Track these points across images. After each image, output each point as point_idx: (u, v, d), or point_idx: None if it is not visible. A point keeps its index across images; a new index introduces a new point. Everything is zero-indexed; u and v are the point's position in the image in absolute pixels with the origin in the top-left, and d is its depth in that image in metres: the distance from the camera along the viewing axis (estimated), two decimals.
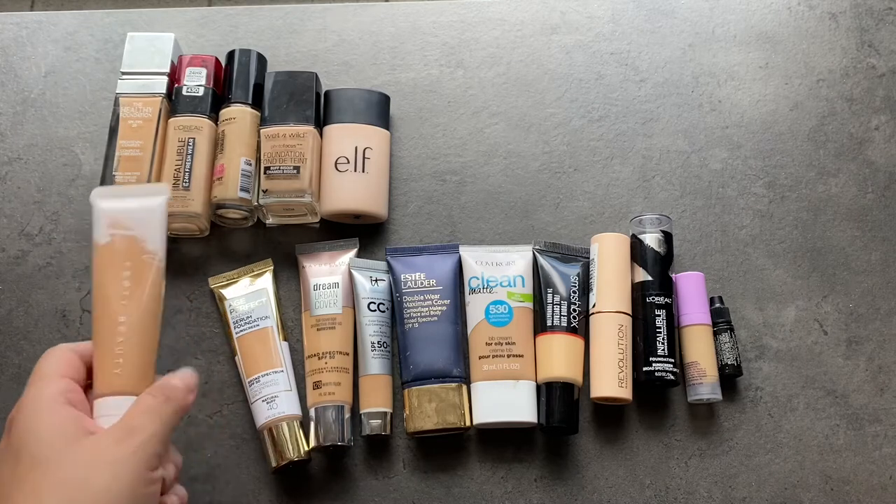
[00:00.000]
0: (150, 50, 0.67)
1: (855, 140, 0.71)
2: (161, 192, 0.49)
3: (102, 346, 0.46)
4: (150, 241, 0.47)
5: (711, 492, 0.61)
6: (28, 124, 0.70)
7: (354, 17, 0.75)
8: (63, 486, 0.41)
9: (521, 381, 0.61)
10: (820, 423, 0.63)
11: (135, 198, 0.49)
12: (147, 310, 0.47)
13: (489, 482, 0.61)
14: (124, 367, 0.46)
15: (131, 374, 0.46)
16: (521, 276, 0.64)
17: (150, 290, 0.47)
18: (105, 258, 0.47)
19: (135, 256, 0.47)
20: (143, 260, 0.47)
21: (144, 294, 0.47)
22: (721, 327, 0.63)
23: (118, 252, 0.47)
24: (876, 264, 0.68)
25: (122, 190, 0.50)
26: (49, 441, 0.42)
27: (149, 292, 0.47)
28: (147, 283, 0.47)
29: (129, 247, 0.47)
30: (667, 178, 0.70)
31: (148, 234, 0.48)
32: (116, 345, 0.46)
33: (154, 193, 0.49)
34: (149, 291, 0.47)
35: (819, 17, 0.76)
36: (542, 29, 0.75)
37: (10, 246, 0.67)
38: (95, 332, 0.47)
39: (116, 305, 0.46)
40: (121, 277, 0.47)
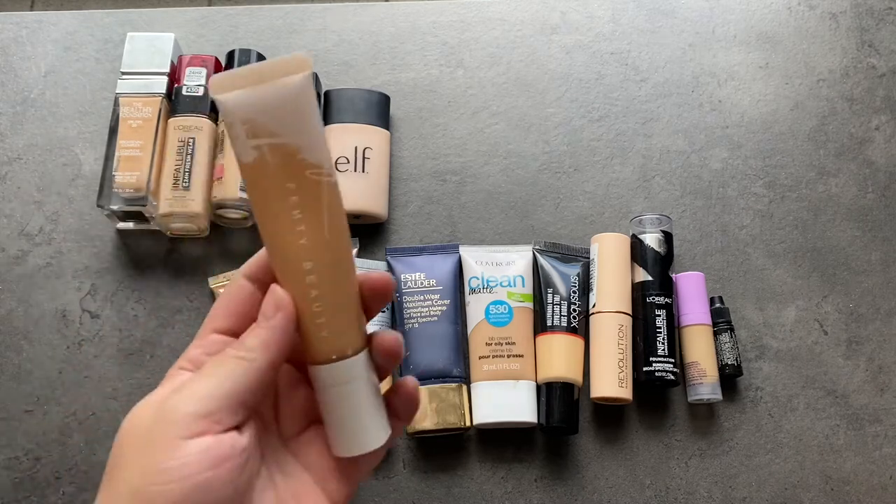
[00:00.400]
0: (150, 50, 0.67)
1: (855, 140, 0.71)
2: (301, 66, 0.33)
3: (296, 304, 0.35)
4: (307, 149, 0.33)
5: (712, 492, 0.61)
6: (28, 124, 0.70)
7: (354, 17, 0.75)
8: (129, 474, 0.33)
9: (521, 381, 0.61)
10: (820, 423, 0.63)
11: (271, 82, 0.33)
12: (336, 246, 0.35)
13: (489, 482, 0.61)
14: (330, 325, 0.35)
15: (342, 331, 0.35)
16: (521, 276, 0.64)
17: (330, 219, 0.34)
18: (257, 183, 0.34)
19: (297, 175, 0.33)
20: (308, 178, 0.34)
21: (325, 226, 0.34)
22: (721, 327, 0.63)
23: (273, 172, 0.33)
24: (876, 264, 0.68)
25: (255, 71, 0.32)
26: (131, 426, 0.34)
27: (330, 223, 0.34)
28: (324, 211, 0.34)
29: (286, 162, 0.33)
30: (667, 178, 0.70)
31: (303, 138, 0.33)
32: (312, 300, 0.35)
33: (292, 69, 0.33)
34: (329, 222, 0.34)
35: (819, 17, 0.76)
36: (543, 29, 0.75)
37: (9, 246, 0.67)
38: (281, 285, 0.35)
39: (295, 248, 0.34)
40: (288, 208, 0.34)
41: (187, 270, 0.66)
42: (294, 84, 0.32)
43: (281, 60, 0.33)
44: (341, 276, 0.35)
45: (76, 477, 0.61)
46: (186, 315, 0.65)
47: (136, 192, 0.62)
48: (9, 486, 0.60)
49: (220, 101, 0.33)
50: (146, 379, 0.63)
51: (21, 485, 0.60)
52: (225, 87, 0.32)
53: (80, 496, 0.60)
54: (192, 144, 0.64)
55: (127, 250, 0.67)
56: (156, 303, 0.65)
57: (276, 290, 0.34)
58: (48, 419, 0.62)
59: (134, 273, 0.66)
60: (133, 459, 0.32)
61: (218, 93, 0.32)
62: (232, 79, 0.32)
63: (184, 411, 0.32)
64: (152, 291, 0.65)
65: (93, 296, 0.65)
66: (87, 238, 0.67)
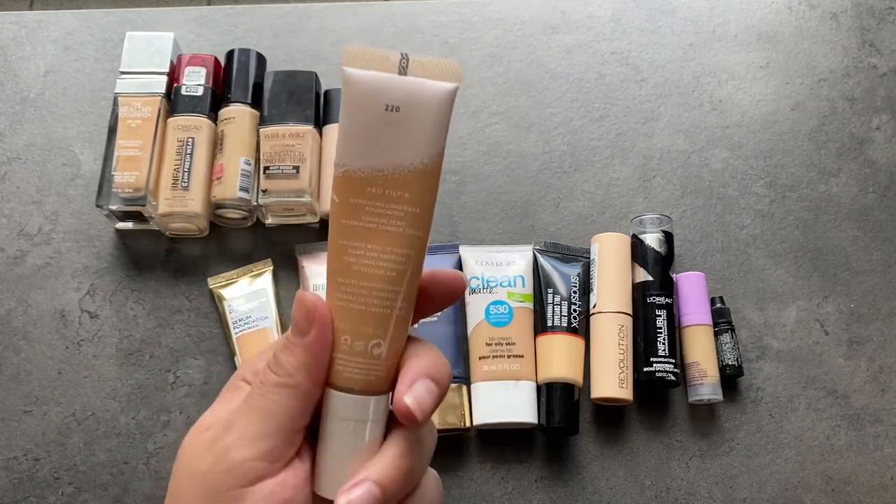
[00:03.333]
0: (150, 49, 0.67)
1: (856, 140, 0.71)
2: (453, 74, 0.32)
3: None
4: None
5: (712, 492, 0.61)
6: (27, 124, 0.70)
7: (354, 17, 0.75)
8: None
9: (521, 381, 0.61)
10: (821, 423, 0.63)
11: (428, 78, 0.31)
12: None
13: (489, 483, 0.61)
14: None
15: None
16: (522, 276, 0.64)
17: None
18: (433, 190, 0.32)
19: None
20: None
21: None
22: (722, 327, 0.63)
23: (435, 181, 0.32)
24: (877, 264, 0.68)
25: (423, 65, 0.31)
26: (196, 423, 0.33)
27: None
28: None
29: (438, 170, 0.32)
30: (667, 178, 0.70)
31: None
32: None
33: (444, 72, 0.32)
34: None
35: (820, 16, 0.76)
36: (543, 28, 0.75)
37: (8, 246, 0.67)
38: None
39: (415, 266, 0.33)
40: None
41: (187, 270, 0.66)
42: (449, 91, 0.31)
43: (435, 61, 0.31)
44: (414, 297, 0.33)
45: (75, 477, 0.60)
46: (186, 315, 0.65)
47: (135, 192, 0.62)
48: (8, 486, 0.60)
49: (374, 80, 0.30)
50: (146, 379, 0.63)
51: (20, 485, 0.60)
52: (358, 60, 0.30)
53: (79, 496, 0.60)
54: (192, 144, 0.64)
55: (126, 250, 0.67)
56: (155, 303, 0.65)
57: (307, 299, 0.31)
58: (47, 419, 0.62)
59: (133, 273, 0.66)
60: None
61: (364, 72, 0.30)
62: (386, 58, 0.30)
63: (240, 457, 0.30)
64: (151, 291, 0.65)
65: (92, 296, 0.65)
66: (87, 238, 0.67)
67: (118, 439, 0.61)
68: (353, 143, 0.31)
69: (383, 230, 0.31)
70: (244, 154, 0.64)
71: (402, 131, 0.31)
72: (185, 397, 0.63)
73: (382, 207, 0.31)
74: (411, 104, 0.31)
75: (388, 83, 0.30)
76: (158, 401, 0.62)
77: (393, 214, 0.31)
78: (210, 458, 0.31)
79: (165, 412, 0.62)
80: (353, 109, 0.31)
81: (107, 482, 0.60)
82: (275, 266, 0.65)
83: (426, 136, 0.31)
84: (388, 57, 0.31)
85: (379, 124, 0.31)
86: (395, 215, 0.31)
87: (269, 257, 0.66)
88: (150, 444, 0.61)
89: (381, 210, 0.31)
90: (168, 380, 0.63)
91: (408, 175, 0.31)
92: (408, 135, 0.31)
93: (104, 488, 0.60)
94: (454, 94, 0.31)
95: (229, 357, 0.63)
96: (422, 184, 0.31)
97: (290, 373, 0.31)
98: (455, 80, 0.31)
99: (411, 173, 0.31)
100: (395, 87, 0.30)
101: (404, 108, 0.31)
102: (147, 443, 0.61)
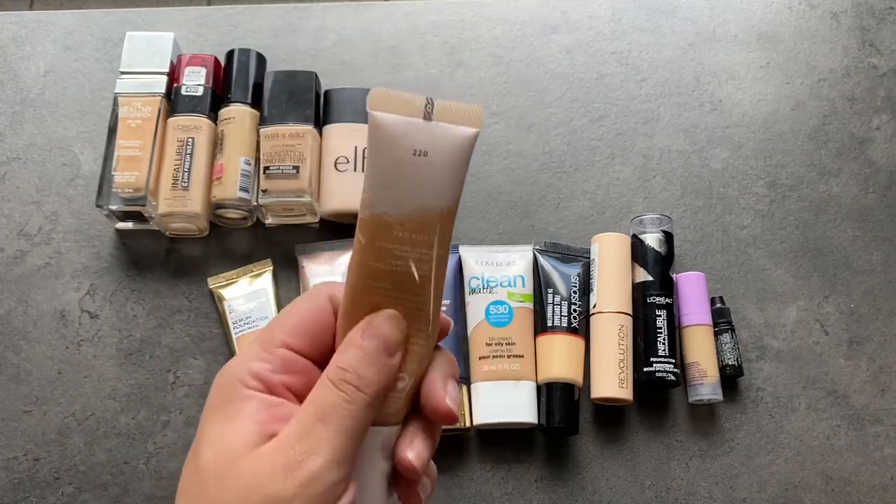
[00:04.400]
0: (150, 49, 0.67)
1: (856, 140, 0.71)
2: (474, 118, 0.32)
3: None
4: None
5: (712, 492, 0.61)
6: (27, 124, 0.70)
7: (354, 17, 0.75)
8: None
9: (521, 381, 0.61)
10: (821, 423, 0.63)
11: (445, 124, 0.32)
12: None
13: (489, 483, 0.61)
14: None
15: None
16: (522, 276, 0.64)
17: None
18: (449, 233, 0.33)
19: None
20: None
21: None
22: (722, 327, 0.63)
23: (453, 223, 0.33)
24: (877, 264, 0.68)
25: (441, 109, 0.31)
26: (214, 444, 0.31)
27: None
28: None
29: (455, 213, 0.33)
30: (667, 178, 0.70)
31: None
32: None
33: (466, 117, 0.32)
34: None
35: (820, 16, 0.76)
36: (543, 28, 0.75)
37: (8, 246, 0.67)
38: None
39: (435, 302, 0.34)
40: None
41: (186, 270, 0.66)
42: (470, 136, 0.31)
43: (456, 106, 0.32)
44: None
45: (75, 477, 0.60)
46: (186, 315, 0.65)
47: (135, 192, 0.62)
48: (8, 486, 0.60)
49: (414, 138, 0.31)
50: (146, 379, 0.63)
51: (20, 485, 0.60)
52: (386, 110, 0.31)
53: (79, 496, 0.60)
54: (192, 144, 0.64)
55: (126, 250, 0.67)
56: (155, 303, 0.65)
57: (399, 320, 0.32)
58: (47, 419, 0.62)
59: (133, 273, 0.66)
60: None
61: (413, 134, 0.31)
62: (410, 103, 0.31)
63: (332, 480, 0.30)
64: (151, 291, 0.65)
65: (92, 296, 0.65)
66: (86, 238, 0.67)
67: (118, 439, 0.61)
68: (381, 186, 0.31)
69: (411, 273, 0.32)
70: (244, 154, 0.64)
71: (428, 176, 0.31)
72: (185, 397, 0.63)
73: (410, 251, 0.32)
74: (437, 149, 0.31)
75: (414, 128, 0.31)
76: (158, 401, 0.62)
77: (420, 258, 0.32)
78: (293, 484, 0.29)
79: (165, 412, 0.62)
80: (382, 153, 0.31)
81: (107, 482, 0.60)
82: (275, 266, 0.65)
83: (450, 180, 0.32)
84: (413, 101, 0.31)
85: (407, 168, 0.31)
86: (422, 259, 0.32)
87: (268, 257, 0.66)
88: (150, 445, 0.61)
89: (408, 254, 0.32)
90: (168, 380, 0.63)
91: (434, 219, 0.32)
92: (434, 179, 0.31)
93: (104, 488, 0.60)
94: (475, 139, 0.32)
95: (229, 357, 0.63)
96: (446, 226, 0.32)
97: (377, 392, 0.31)
98: (476, 125, 0.32)
99: (438, 217, 0.32)
100: (422, 132, 0.31)
101: (431, 153, 0.31)
102: (147, 443, 0.61)
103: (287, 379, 0.32)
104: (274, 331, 0.33)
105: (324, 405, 0.31)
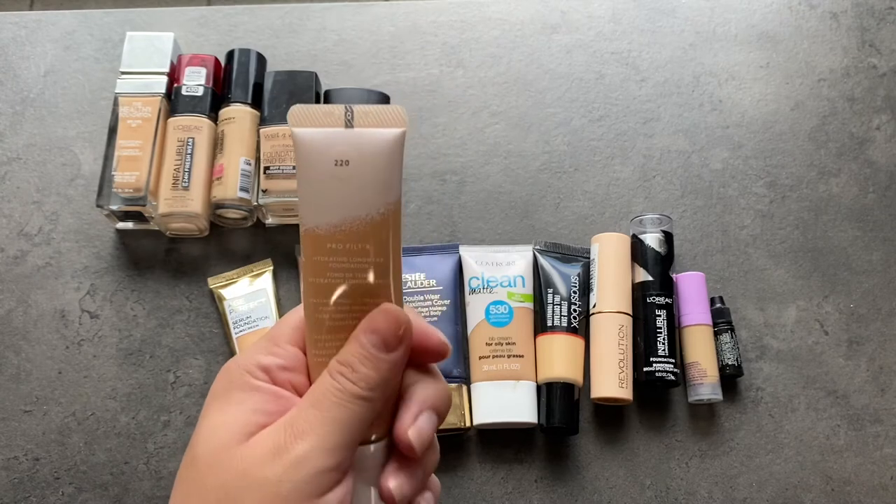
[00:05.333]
0: (150, 49, 0.67)
1: (856, 140, 0.71)
2: (397, 119, 0.32)
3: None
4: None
5: (712, 492, 0.61)
6: (27, 124, 0.70)
7: (354, 17, 0.75)
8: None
9: (521, 381, 0.61)
10: (821, 423, 0.63)
11: (370, 128, 0.32)
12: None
13: (489, 483, 0.61)
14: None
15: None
16: (522, 277, 0.64)
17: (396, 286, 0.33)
18: (395, 235, 0.32)
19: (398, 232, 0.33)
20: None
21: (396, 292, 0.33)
22: (722, 327, 0.63)
23: (395, 227, 0.32)
24: (877, 264, 0.68)
25: (353, 113, 0.31)
26: (211, 431, 0.31)
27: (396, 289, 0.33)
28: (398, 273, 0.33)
29: (397, 216, 0.32)
30: (667, 178, 0.70)
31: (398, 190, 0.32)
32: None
33: (389, 119, 0.32)
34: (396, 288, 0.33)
35: (820, 16, 0.76)
36: (543, 28, 0.75)
37: (9, 246, 0.67)
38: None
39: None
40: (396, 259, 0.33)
41: (187, 270, 0.66)
42: (388, 138, 0.31)
43: (379, 109, 0.32)
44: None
45: (75, 477, 0.60)
46: (186, 315, 0.65)
47: (135, 192, 0.62)
48: (8, 486, 0.60)
49: (324, 141, 0.31)
50: (146, 379, 0.63)
51: (20, 485, 0.60)
52: (305, 117, 0.31)
53: (79, 496, 0.60)
54: (192, 144, 0.64)
55: (126, 250, 0.67)
56: (155, 303, 0.65)
57: (398, 315, 0.32)
58: (47, 419, 0.62)
59: (133, 273, 0.66)
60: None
61: (319, 135, 0.31)
62: (330, 113, 0.31)
63: (320, 467, 0.30)
64: (152, 291, 0.65)
65: (92, 296, 0.65)
66: (87, 238, 0.67)
67: (118, 439, 0.61)
68: (309, 201, 0.31)
69: (350, 284, 0.32)
70: (244, 154, 0.64)
71: (353, 184, 0.31)
72: (185, 397, 0.63)
73: (346, 262, 0.31)
74: (359, 156, 0.31)
75: (334, 138, 0.31)
76: (158, 401, 0.62)
77: (357, 267, 0.31)
78: (280, 467, 0.29)
79: (165, 412, 0.62)
80: (305, 168, 0.31)
81: (107, 482, 0.60)
82: (275, 266, 0.65)
83: (379, 185, 0.31)
84: (332, 112, 0.31)
85: (330, 180, 0.31)
86: (359, 268, 0.31)
87: (269, 257, 0.66)
88: (151, 445, 0.61)
89: (344, 265, 0.31)
90: (168, 380, 0.63)
91: (366, 227, 0.31)
92: (360, 187, 0.31)
93: (104, 488, 0.60)
94: (401, 139, 0.31)
95: (229, 357, 0.63)
96: (380, 233, 0.31)
97: (372, 387, 0.31)
98: (401, 125, 0.31)
99: (369, 224, 0.31)
100: (343, 141, 0.31)
101: (353, 161, 0.31)
102: (147, 443, 0.61)
103: (293, 377, 0.33)
104: (285, 327, 0.33)
105: (317, 393, 0.31)
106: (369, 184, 0.31)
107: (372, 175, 0.31)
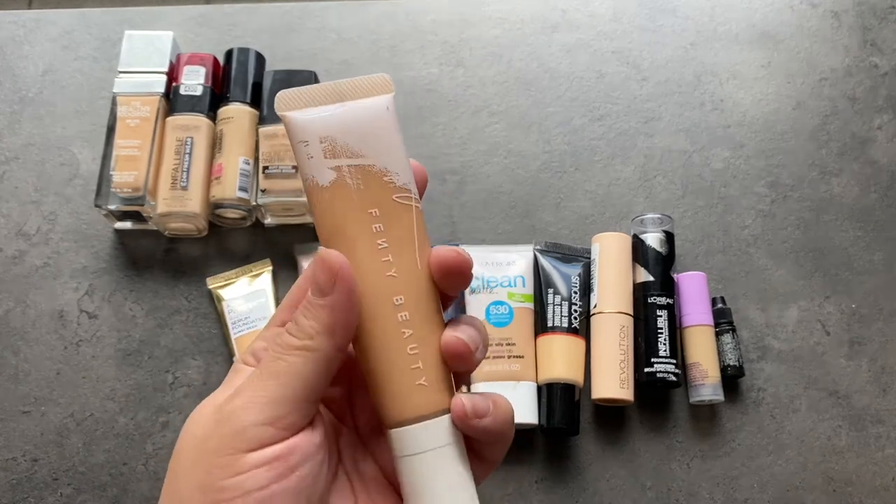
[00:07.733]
0: (149, 48, 0.66)
1: (858, 139, 0.71)
2: (384, 87, 0.32)
3: (383, 348, 0.30)
4: (395, 172, 0.31)
5: (713, 493, 0.61)
6: (25, 123, 0.70)
7: (353, 16, 0.75)
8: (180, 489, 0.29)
9: (521, 381, 0.61)
10: (822, 424, 0.63)
11: (354, 101, 0.31)
12: (429, 279, 0.31)
13: (489, 484, 0.61)
14: (428, 371, 0.30)
15: (441, 377, 0.31)
16: (522, 277, 0.63)
17: (420, 249, 0.31)
18: (334, 208, 0.31)
19: (384, 199, 0.31)
20: (396, 203, 0.31)
21: (416, 257, 0.31)
22: (723, 328, 0.63)
23: (354, 195, 0.31)
24: (879, 264, 0.67)
25: (333, 89, 0.31)
26: (195, 417, 0.31)
27: (421, 253, 0.31)
28: (414, 240, 0.31)
29: (370, 184, 0.31)
30: (668, 178, 0.70)
31: (390, 160, 0.31)
32: (406, 341, 0.30)
33: (376, 89, 0.32)
34: (420, 252, 0.31)
35: (821, 15, 0.75)
36: (543, 27, 0.75)
37: (7, 246, 0.66)
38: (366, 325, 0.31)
39: (383, 281, 0.31)
40: (372, 236, 0.31)
41: (185, 270, 0.66)
42: (381, 104, 0.31)
43: (363, 80, 0.31)
44: (437, 313, 0.31)
45: (74, 478, 0.60)
46: (184, 315, 0.65)
47: (133, 192, 0.62)
48: (6, 487, 0.60)
49: (292, 118, 0.30)
50: (144, 379, 0.63)
51: (19, 486, 0.60)
52: (295, 104, 0.31)
53: (77, 497, 0.60)
54: (191, 144, 0.64)
55: (125, 250, 0.66)
56: (154, 303, 0.65)
57: (329, 255, 0.29)
58: (46, 420, 0.62)
59: (132, 273, 0.66)
60: (192, 474, 0.29)
61: (287, 110, 0.31)
62: (302, 96, 0.31)
63: (247, 420, 0.28)
64: (150, 291, 0.65)
65: (90, 296, 0.65)
66: (85, 238, 0.66)
67: (117, 440, 0.61)
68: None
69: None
70: (243, 154, 0.64)
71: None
72: (183, 398, 0.62)
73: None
74: (353, 127, 0.31)
75: (328, 115, 0.31)
76: (157, 401, 0.62)
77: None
78: (212, 423, 0.29)
79: (164, 413, 0.62)
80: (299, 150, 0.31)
81: (105, 483, 0.60)
82: (274, 266, 0.65)
83: (381, 148, 0.32)
84: (319, 90, 0.31)
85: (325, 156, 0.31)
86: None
87: (268, 257, 0.65)
88: (149, 445, 0.61)
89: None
90: (167, 380, 0.63)
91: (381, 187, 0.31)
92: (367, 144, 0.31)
93: (103, 489, 0.60)
94: (391, 103, 0.32)
95: (228, 358, 0.63)
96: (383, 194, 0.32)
97: (310, 335, 0.29)
98: (388, 91, 0.32)
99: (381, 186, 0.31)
100: (335, 118, 0.31)
101: (351, 131, 0.31)
102: (146, 443, 0.61)
103: None
104: (278, 311, 0.33)
105: (262, 354, 0.31)
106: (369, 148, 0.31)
107: (369, 140, 0.31)
